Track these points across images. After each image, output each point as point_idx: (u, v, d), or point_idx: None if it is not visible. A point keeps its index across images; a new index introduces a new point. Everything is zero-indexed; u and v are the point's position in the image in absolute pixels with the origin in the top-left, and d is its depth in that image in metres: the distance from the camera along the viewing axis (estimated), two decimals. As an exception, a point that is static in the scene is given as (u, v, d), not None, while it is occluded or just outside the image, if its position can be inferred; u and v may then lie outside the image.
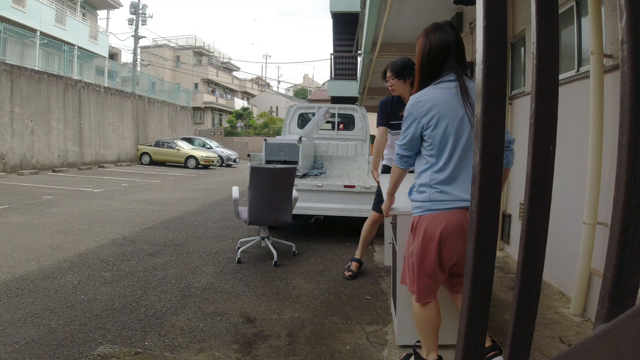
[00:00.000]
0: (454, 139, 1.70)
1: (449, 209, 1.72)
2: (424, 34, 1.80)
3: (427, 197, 1.77)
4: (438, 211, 1.74)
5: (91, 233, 4.85)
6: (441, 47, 1.73)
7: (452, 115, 1.70)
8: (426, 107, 1.72)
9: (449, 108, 1.70)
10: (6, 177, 10.94)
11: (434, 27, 1.78)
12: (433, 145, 1.73)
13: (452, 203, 1.72)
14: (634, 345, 0.35)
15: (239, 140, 29.27)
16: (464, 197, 1.71)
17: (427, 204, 1.76)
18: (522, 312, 0.56)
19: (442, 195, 1.73)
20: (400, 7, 5.66)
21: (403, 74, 3.14)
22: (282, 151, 5.04)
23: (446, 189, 1.73)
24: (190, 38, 35.84)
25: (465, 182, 1.72)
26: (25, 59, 14.15)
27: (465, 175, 1.72)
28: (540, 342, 2.28)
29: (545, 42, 0.54)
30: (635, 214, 0.44)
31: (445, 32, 1.75)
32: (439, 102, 1.71)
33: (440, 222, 1.73)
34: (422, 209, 1.79)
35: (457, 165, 1.72)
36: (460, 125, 1.70)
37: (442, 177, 1.73)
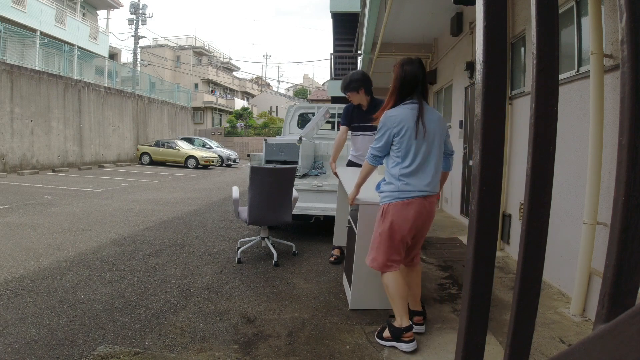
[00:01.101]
0: (415, 147, 2.24)
1: (411, 197, 2.25)
2: (399, 64, 2.34)
3: (395, 188, 2.28)
4: (404, 199, 2.26)
5: (91, 233, 4.85)
6: (413, 77, 2.30)
7: (412, 129, 2.24)
8: (397, 120, 2.25)
9: (411, 124, 2.24)
10: (6, 177, 10.94)
11: (408, 60, 2.34)
12: (400, 148, 2.25)
13: (414, 192, 2.25)
14: (634, 345, 0.35)
15: (239, 140, 29.26)
16: (424, 187, 2.25)
17: (396, 193, 2.28)
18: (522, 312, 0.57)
19: (407, 186, 2.25)
20: (400, 7, 5.66)
21: (350, 88, 3.56)
22: (282, 151, 5.04)
23: (410, 182, 2.25)
24: (190, 38, 35.83)
25: (424, 176, 2.26)
26: (25, 59, 14.14)
27: (423, 171, 2.26)
28: (540, 342, 2.28)
29: (545, 42, 0.54)
30: (635, 214, 0.44)
31: (416, 65, 2.32)
32: (405, 117, 2.25)
33: (405, 207, 2.25)
34: (391, 197, 2.29)
35: (419, 163, 2.25)
36: (419, 139, 2.24)
37: (407, 172, 2.25)
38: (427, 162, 2.26)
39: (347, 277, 3.03)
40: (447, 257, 4.11)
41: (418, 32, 7.06)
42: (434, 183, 2.31)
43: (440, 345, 2.31)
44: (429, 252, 4.26)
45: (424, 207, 2.28)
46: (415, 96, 2.29)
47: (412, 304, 2.49)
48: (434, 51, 7.60)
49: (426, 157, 2.25)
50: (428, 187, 2.26)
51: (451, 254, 4.22)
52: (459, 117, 5.98)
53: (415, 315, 2.45)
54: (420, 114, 2.25)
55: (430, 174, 2.26)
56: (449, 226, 5.60)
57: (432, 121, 2.27)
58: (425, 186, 2.25)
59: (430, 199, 2.30)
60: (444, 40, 6.88)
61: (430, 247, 4.44)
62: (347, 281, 3.07)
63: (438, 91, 7.62)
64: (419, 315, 2.45)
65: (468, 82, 5.55)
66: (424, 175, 2.25)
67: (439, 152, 2.33)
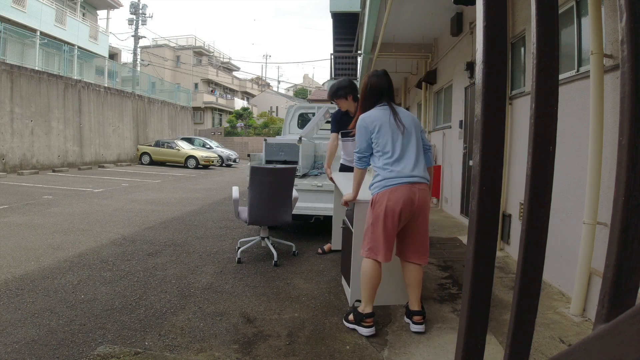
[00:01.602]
0: (391, 139, 2.42)
1: (398, 184, 2.37)
2: (366, 76, 2.61)
3: (381, 177, 2.42)
4: (391, 186, 2.39)
5: (91, 233, 4.85)
6: (378, 86, 2.55)
7: (387, 124, 2.44)
8: (371, 120, 2.46)
9: (385, 121, 2.44)
10: (6, 177, 10.94)
11: (374, 73, 2.61)
12: (379, 143, 2.44)
13: (400, 179, 2.37)
14: (634, 345, 0.35)
15: (239, 140, 29.26)
16: (409, 173, 2.38)
17: (383, 182, 2.41)
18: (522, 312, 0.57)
19: (392, 173, 2.39)
20: (400, 7, 5.66)
21: (338, 95, 3.75)
22: (282, 151, 5.04)
23: (394, 169, 2.39)
24: (190, 38, 35.83)
25: (408, 165, 2.40)
26: (25, 59, 14.14)
27: (406, 161, 2.41)
28: (540, 342, 2.28)
29: (545, 42, 0.54)
30: (635, 214, 0.44)
31: (381, 77, 2.58)
32: (378, 116, 2.46)
33: (393, 193, 2.37)
34: (379, 187, 2.43)
35: (399, 154, 2.41)
36: (396, 133, 2.43)
37: (390, 161, 2.41)
38: (408, 152, 2.43)
39: (345, 277, 3.08)
40: (447, 257, 4.11)
41: (418, 32, 7.06)
42: (420, 170, 2.42)
43: (440, 345, 2.31)
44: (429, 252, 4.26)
45: (413, 193, 2.37)
46: (384, 100, 2.54)
47: (412, 303, 2.49)
48: (434, 51, 7.60)
49: (406, 147, 2.43)
50: (413, 172, 2.39)
51: (451, 254, 4.22)
52: (459, 117, 5.98)
53: (415, 315, 2.46)
54: (393, 112, 2.48)
55: (412, 161, 2.40)
56: (449, 226, 5.60)
57: (405, 117, 2.49)
58: (411, 171, 2.39)
59: (419, 187, 2.39)
60: (444, 40, 6.88)
61: (430, 247, 4.44)
62: (345, 281, 3.11)
63: (438, 91, 7.61)
64: (418, 314, 2.47)
65: (468, 82, 5.55)
66: (407, 163, 2.41)
67: (418, 144, 2.48)
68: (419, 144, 2.48)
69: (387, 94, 2.56)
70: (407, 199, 2.36)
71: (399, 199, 2.35)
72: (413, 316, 2.46)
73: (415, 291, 2.50)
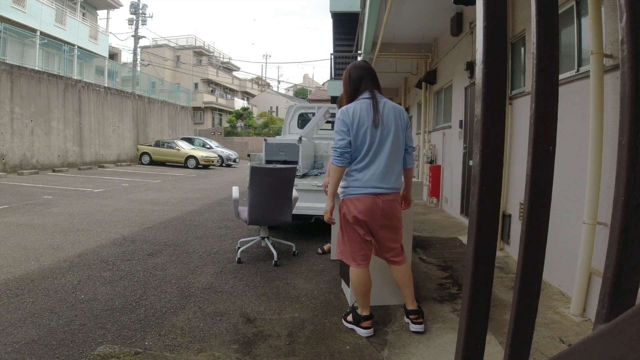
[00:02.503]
0: (368, 139, 2.30)
1: (360, 194, 2.32)
2: (347, 69, 2.51)
3: (346, 184, 2.38)
4: (352, 195, 2.35)
5: (91, 233, 4.85)
6: (357, 76, 2.44)
7: (365, 119, 2.31)
8: (350, 113, 2.33)
9: (364, 115, 2.31)
10: (6, 177, 10.94)
11: (353, 65, 2.52)
12: (357, 139, 2.31)
13: (363, 190, 2.31)
14: (634, 345, 0.35)
15: (239, 140, 29.26)
16: (375, 184, 2.30)
17: (346, 189, 2.38)
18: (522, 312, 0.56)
19: (356, 182, 2.33)
20: (400, 7, 5.66)
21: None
22: (282, 151, 5.04)
23: (360, 177, 2.32)
24: (190, 38, 35.83)
25: (376, 173, 2.30)
26: (25, 59, 14.14)
27: (374, 167, 2.31)
28: (540, 342, 2.28)
29: (545, 42, 0.54)
30: (635, 214, 0.44)
31: (360, 67, 2.48)
32: (357, 109, 2.33)
33: (353, 203, 2.33)
34: (343, 194, 2.40)
35: (370, 158, 2.31)
36: (372, 131, 2.30)
37: (359, 167, 2.33)
38: (380, 155, 2.31)
39: (344, 278, 3.09)
40: (447, 257, 4.11)
41: (418, 32, 7.06)
42: (389, 180, 2.32)
43: (440, 345, 2.31)
44: (429, 252, 4.26)
45: (376, 205, 2.31)
46: (367, 90, 2.40)
47: (406, 302, 2.49)
48: (434, 51, 7.60)
49: (379, 149, 2.32)
50: (380, 183, 2.30)
51: (451, 254, 4.22)
52: (459, 117, 5.98)
53: (411, 313, 2.46)
54: (374, 105, 2.34)
55: (382, 168, 2.30)
56: (449, 226, 5.60)
57: (389, 111, 2.35)
58: (377, 182, 2.30)
59: (384, 198, 2.32)
60: (444, 40, 6.88)
61: (430, 247, 4.44)
62: (344, 282, 3.12)
63: (438, 91, 7.61)
64: (414, 313, 2.46)
65: (468, 82, 5.55)
66: (376, 169, 2.31)
67: (395, 144, 2.34)
68: (397, 144, 2.35)
69: (369, 81, 2.43)
70: (368, 210, 2.30)
71: (361, 209, 2.31)
72: (409, 315, 2.47)
73: (406, 290, 2.48)
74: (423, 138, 8.41)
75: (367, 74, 2.46)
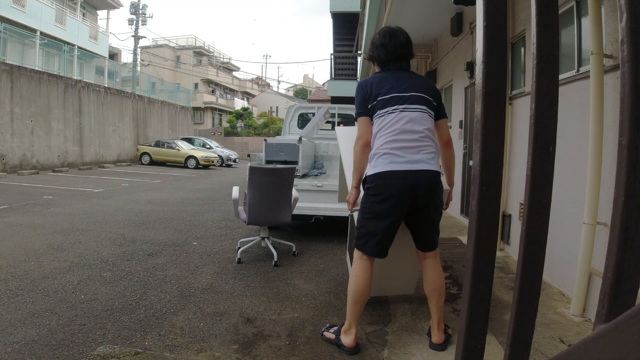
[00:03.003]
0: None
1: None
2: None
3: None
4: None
5: (91, 233, 4.85)
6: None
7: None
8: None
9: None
10: (6, 177, 10.94)
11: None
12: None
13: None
14: (634, 345, 0.35)
15: (239, 140, 29.26)
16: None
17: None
18: (522, 312, 0.57)
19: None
20: (400, 7, 5.66)
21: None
22: (282, 151, 5.04)
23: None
24: (190, 38, 35.83)
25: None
26: (25, 59, 14.15)
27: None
28: (540, 342, 2.28)
29: (545, 42, 0.54)
30: (635, 214, 0.44)
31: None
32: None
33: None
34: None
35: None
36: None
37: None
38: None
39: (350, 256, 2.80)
40: (447, 257, 4.11)
41: (418, 32, 7.05)
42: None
43: (440, 345, 2.30)
44: (429, 252, 4.26)
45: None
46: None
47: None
48: (434, 51, 7.59)
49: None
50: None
51: (451, 254, 4.22)
52: (459, 117, 5.98)
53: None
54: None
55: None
56: (449, 226, 5.60)
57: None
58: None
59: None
60: (444, 40, 6.88)
61: (430, 247, 4.44)
62: (349, 260, 2.92)
63: (438, 91, 7.60)
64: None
65: (468, 82, 5.55)
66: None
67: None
68: None
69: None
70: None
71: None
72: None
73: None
74: (423, 138, 8.38)
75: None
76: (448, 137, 2.27)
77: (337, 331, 2.28)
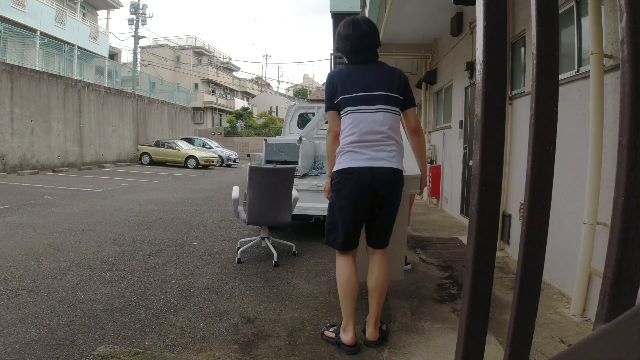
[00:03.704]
0: None
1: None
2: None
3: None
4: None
5: (91, 233, 4.85)
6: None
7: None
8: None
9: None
10: (6, 177, 10.94)
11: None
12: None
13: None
14: (634, 345, 0.35)
15: (239, 140, 29.27)
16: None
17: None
18: (522, 312, 0.57)
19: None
20: (400, 7, 5.66)
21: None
22: (282, 151, 5.04)
23: None
24: (190, 38, 35.83)
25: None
26: (25, 59, 14.15)
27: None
28: (540, 342, 2.28)
29: (545, 42, 0.54)
30: (635, 214, 0.44)
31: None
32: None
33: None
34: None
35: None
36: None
37: None
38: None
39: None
40: (447, 257, 4.11)
41: (418, 32, 7.06)
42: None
43: (440, 345, 2.31)
44: (429, 252, 4.26)
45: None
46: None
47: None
48: (434, 51, 7.60)
49: None
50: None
51: (451, 254, 4.22)
52: (459, 117, 5.98)
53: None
54: None
55: None
56: (449, 226, 5.60)
57: None
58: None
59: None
60: (444, 40, 6.88)
61: (430, 247, 4.44)
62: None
63: (438, 91, 7.61)
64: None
65: (468, 82, 5.55)
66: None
67: None
68: None
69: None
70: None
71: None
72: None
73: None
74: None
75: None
76: (414, 125, 2.32)
77: (337, 330, 2.31)
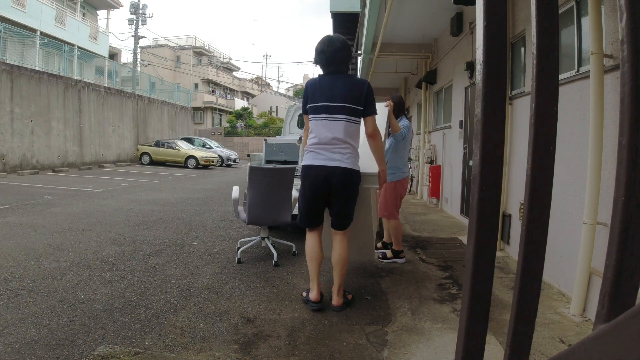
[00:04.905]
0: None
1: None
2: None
3: (399, 169, 3.75)
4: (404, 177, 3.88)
5: (91, 233, 4.85)
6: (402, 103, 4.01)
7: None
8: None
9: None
10: (6, 177, 10.94)
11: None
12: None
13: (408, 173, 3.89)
14: (634, 345, 0.35)
15: (239, 140, 29.27)
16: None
17: (403, 173, 3.83)
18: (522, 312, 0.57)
19: (405, 168, 3.99)
20: (400, 7, 5.66)
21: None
22: (282, 151, 5.05)
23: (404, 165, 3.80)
24: (190, 38, 35.82)
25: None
26: (25, 59, 14.15)
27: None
28: (540, 342, 2.29)
29: (545, 42, 0.54)
30: (635, 214, 0.44)
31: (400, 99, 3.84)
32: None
33: (403, 183, 3.99)
34: (397, 177, 3.79)
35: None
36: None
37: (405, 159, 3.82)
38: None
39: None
40: (447, 257, 4.11)
41: (418, 32, 7.06)
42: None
43: (440, 345, 2.31)
44: (429, 252, 4.26)
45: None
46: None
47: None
48: (434, 51, 7.60)
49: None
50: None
51: (451, 254, 4.22)
52: (459, 117, 5.98)
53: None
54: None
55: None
56: (449, 226, 5.60)
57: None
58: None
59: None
60: (444, 40, 6.88)
61: (430, 247, 4.44)
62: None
63: (438, 91, 7.61)
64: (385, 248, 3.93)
65: (468, 82, 5.55)
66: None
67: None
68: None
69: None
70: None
71: (406, 186, 4.07)
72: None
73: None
74: (423, 138, 8.41)
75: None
76: (371, 131, 2.76)
77: (307, 290, 2.88)
